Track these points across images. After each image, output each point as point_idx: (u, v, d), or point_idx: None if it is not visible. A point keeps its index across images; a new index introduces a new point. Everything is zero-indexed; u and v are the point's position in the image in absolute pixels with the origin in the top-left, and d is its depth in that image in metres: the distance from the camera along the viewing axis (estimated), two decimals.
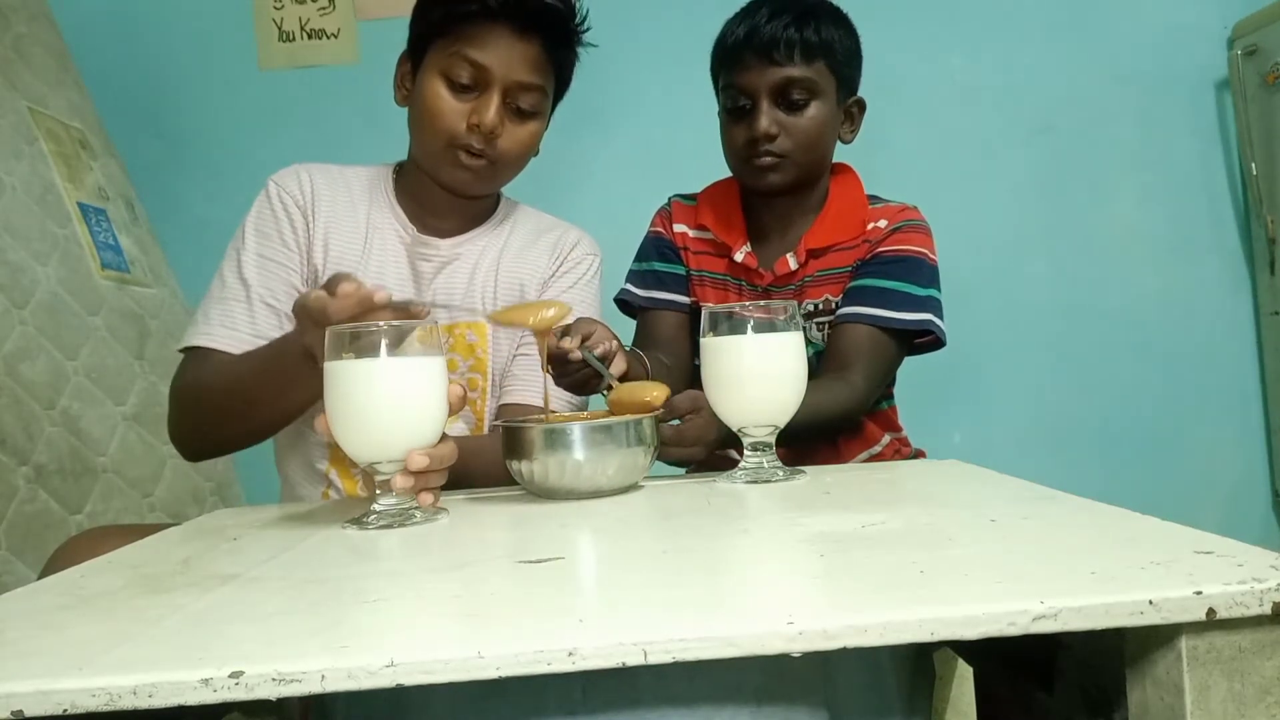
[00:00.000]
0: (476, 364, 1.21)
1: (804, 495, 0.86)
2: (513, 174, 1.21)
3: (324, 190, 1.19)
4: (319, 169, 1.21)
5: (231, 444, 1.15)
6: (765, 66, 1.21)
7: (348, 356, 0.79)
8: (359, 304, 0.83)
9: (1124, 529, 0.63)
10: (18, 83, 1.75)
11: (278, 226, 1.16)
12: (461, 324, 1.21)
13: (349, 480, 1.19)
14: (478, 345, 1.22)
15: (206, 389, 1.08)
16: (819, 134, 1.24)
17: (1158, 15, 2.31)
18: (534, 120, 1.16)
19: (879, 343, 1.23)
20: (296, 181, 1.18)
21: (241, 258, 1.14)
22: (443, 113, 1.12)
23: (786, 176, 1.25)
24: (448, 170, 1.15)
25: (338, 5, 2.31)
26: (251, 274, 1.13)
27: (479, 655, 0.44)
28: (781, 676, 0.66)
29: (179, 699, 0.43)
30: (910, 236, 1.27)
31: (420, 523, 0.81)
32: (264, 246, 1.15)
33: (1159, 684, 0.49)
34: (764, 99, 1.22)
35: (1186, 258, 2.33)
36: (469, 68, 1.11)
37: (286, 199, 1.17)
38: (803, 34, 1.20)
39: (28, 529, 1.41)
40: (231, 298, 1.12)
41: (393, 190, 1.23)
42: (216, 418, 1.08)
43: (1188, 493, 2.30)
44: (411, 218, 1.21)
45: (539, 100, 1.16)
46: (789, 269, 1.28)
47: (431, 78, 1.12)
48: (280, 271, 1.14)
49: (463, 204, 1.22)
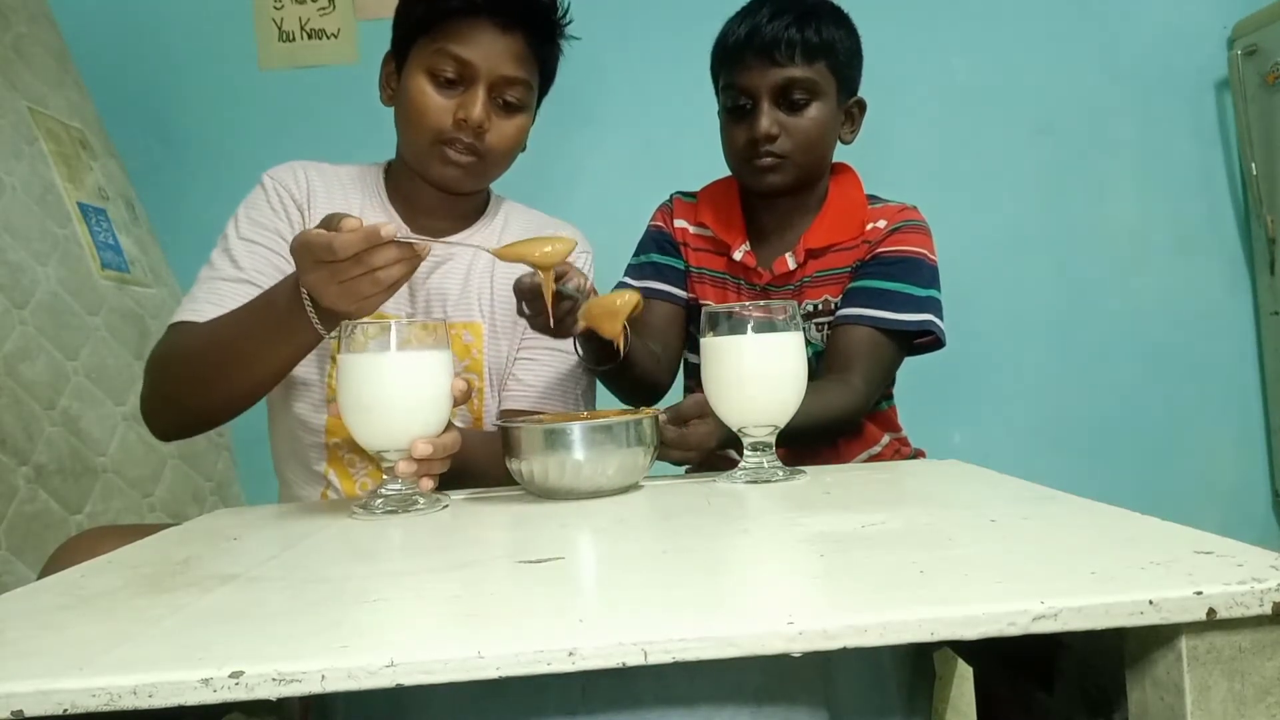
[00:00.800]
0: (472, 364, 1.21)
1: (804, 495, 0.86)
2: (501, 169, 1.20)
3: (319, 187, 1.19)
4: (313, 166, 1.21)
5: (207, 415, 1.06)
6: (766, 67, 1.21)
7: (359, 350, 0.86)
8: (365, 238, 0.81)
9: (1124, 529, 0.63)
10: (18, 83, 1.75)
11: (273, 218, 1.15)
12: (457, 324, 1.21)
13: (347, 480, 1.19)
14: (473, 345, 1.21)
15: (184, 352, 1.04)
16: (819, 135, 1.24)
17: (1158, 15, 2.32)
18: (520, 114, 1.16)
19: (879, 344, 1.23)
20: (293, 177, 1.18)
21: (231, 244, 1.13)
22: (429, 109, 1.12)
23: (786, 177, 1.25)
24: (437, 167, 1.15)
25: (338, 5, 2.31)
26: (242, 257, 1.12)
27: (479, 655, 0.44)
28: (781, 676, 0.66)
29: (179, 699, 0.43)
30: (910, 237, 1.27)
31: (423, 509, 0.87)
32: (256, 233, 1.14)
33: (1159, 684, 0.49)
34: (765, 99, 1.22)
35: (1186, 258, 2.33)
36: (453, 63, 1.11)
37: (283, 192, 1.17)
38: (804, 34, 1.19)
39: (28, 529, 1.41)
40: (219, 278, 1.11)
41: (384, 189, 1.23)
42: (192, 382, 1.02)
43: (1188, 493, 2.30)
44: (404, 217, 1.21)
45: (524, 94, 1.16)
46: (788, 269, 1.29)
47: (416, 75, 1.12)
48: (271, 258, 1.13)
49: (453, 201, 1.22)
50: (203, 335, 1.03)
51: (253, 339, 0.96)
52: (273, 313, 0.93)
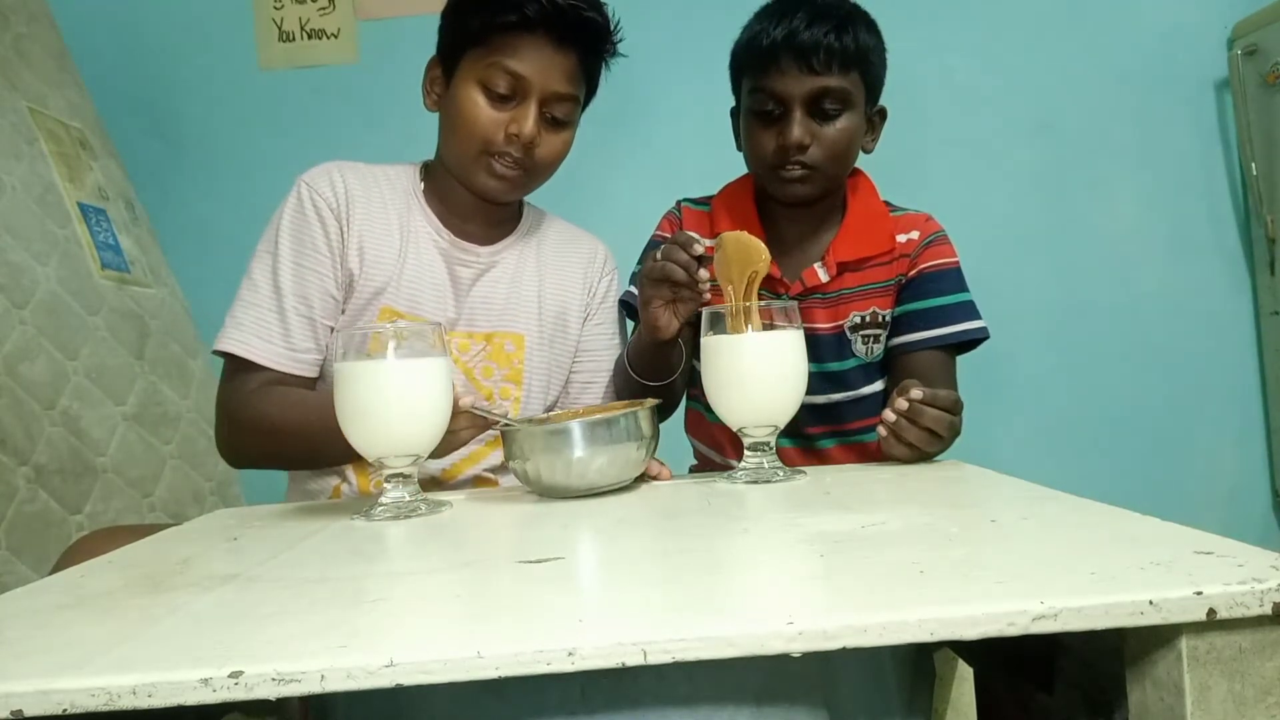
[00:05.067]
0: (512, 374, 1.21)
1: (804, 495, 0.86)
2: (543, 181, 1.21)
3: (358, 192, 1.17)
4: (350, 168, 1.19)
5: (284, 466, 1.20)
6: (802, 74, 1.16)
7: (357, 357, 0.86)
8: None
9: (1124, 529, 0.63)
10: (18, 83, 1.75)
11: (310, 231, 1.13)
12: (500, 332, 1.21)
13: (364, 476, 1.17)
14: (515, 355, 1.22)
15: (265, 423, 1.09)
16: (848, 145, 1.21)
17: (1158, 15, 2.31)
18: (567, 129, 1.18)
19: (947, 362, 1.26)
20: (329, 183, 1.16)
21: (276, 264, 1.12)
22: (480, 122, 1.12)
23: (814, 189, 1.22)
24: (482, 177, 1.15)
25: (338, 5, 2.31)
26: (286, 281, 1.11)
27: (479, 655, 0.44)
28: (781, 676, 0.66)
29: (179, 699, 0.43)
30: (944, 248, 1.27)
31: (426, 514, 0.87)
32: (299, 253, 1.13)
33: (1159, 684, 0.49)
34: (798, 108, 1.18)
35: (1186, 258, 2.33)
36: (507, 78, 1.11)
37: (319, 201, 1.14)
38: (843, 42, 1.16)
39: (28, 529, 1.41)
40: (265, 305, 1.11)
41: (422, 193, 1.22)
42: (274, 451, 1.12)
43: (1188, 493, 2.30)
44: (440, 220, 1.21)
45: (572, 110, 1.17)
46: (819, 281, 1.25)
47: (468, 86, 1.12)
48: (314, 279, 1.12)
49: (490, 209, 1.22)
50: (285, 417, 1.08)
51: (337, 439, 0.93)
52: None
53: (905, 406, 1.00)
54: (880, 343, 1.28)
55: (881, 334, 1.27)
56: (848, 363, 1.27)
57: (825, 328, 1.26)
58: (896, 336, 1.27)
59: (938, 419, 1.00)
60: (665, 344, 1.11)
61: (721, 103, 1.32)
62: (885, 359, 1.29)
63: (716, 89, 1.34)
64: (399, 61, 2.26)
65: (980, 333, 1.25)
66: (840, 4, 1.20)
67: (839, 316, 1.26)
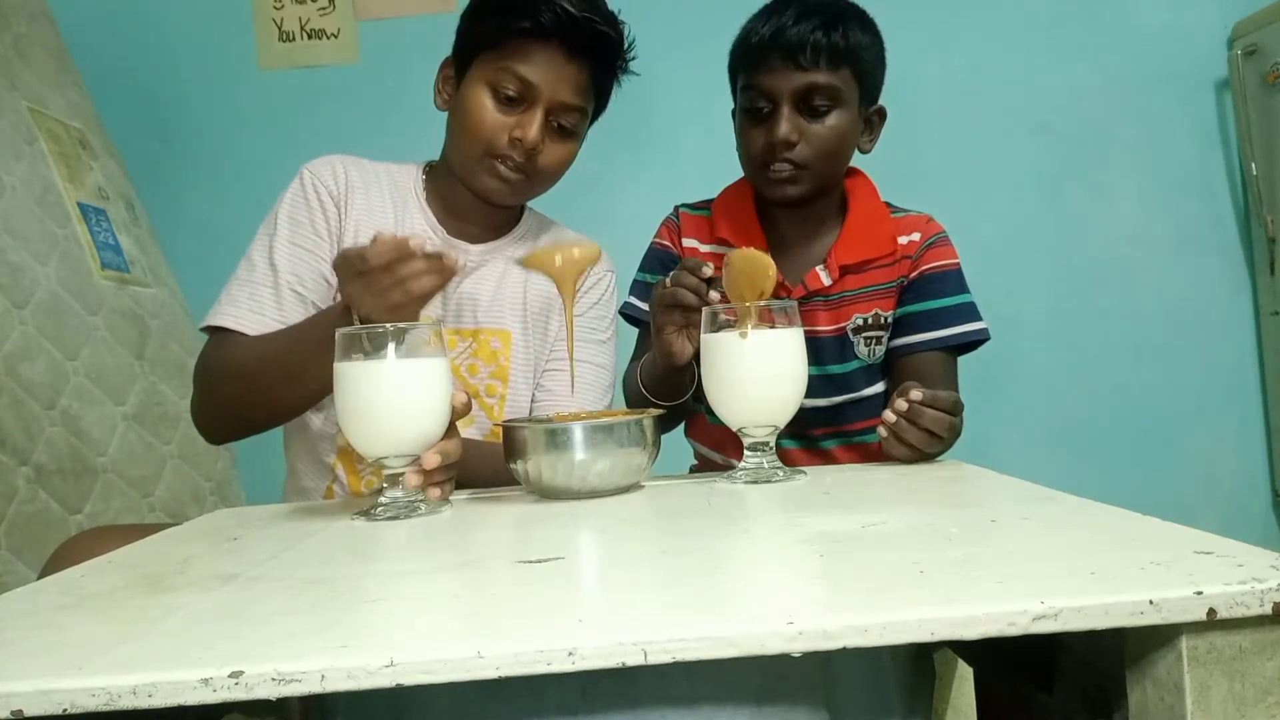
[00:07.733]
0: (498, 370, 1.22)
1: (804, 495, 0.86)
2: (545, 189, 1.22)
3: (358, 183, 1.19)
4: (353, 162, 1.21)
5: (254, 425, 1.13)
6: (789, 70, 1.17)
7: (357, 357, 0.85)
8: (395, 248, 0.87)
9: (1124, 529, 0.63)
10: (18, 83, 1.75)
11: (310, 215, 1.16)
12: (487, 330, 1.22)
13: (354, 477, 1.19)
14: (501, 353, 1.22)
15: (233, 367, 1.07)
16: (839, 143, 1.21)
17: (1158, 15, 2.31)
18: (572, 140, 1.18)
19: (949, 363, 1.26)
20: (331, 172, 1.18)
21: (273, 243, 1.14)
22: (485, 124, 1.13)
23: (803, 188, 1.22)
24: (484, 179, 1.16)
25: (338, 5, 2.31)
26: (282, 260, 1.13)
27: (479, 655, 0.44)
28: (781, 676, 0.66)
29: (179, 699, 0.43)
30: (945, 250, 1.27)
31: (425, 514, 0.86)
32: (295, 234, 1.15)
33: (1159, 684, 0.49)
34: (785, 104, 1.18)
35: (1186, 258, 2.33)
36: (517, 82, 1.12)
37: (320, 188, 1.17)
38: (830, 38, 1.16)
39: (28, 529, 1.41)
40: (260, 281, 1.12)
41: (422, 191, 1.24)
42: (241, 397, 1.08)
43: (1188, 493, 2.30)
44: (439, 220, 1.22)
45: (579, 121, 1.18)
46: (822, 284, 1.25)
47: (477, 88, 1.13)
48: (309, 259, 1.14)
49: (490, 211, 1.23)
50: (253, 351, 1.06)
51: (303, 357, 1.00)
52: (320, 331, 0.96)
53: (905, 408, 1.00)
54: (882, 344, 1.27)
55: (883, 335, 1.27)
56: (850, 365, 1.27)
57: (827, 330, 1.26)
58: (898, 338, 1.27)
59: (937, 420, 1.00)
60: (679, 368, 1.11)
61: (725, 109, 1.32)
62: (886, 360, 1.29)
63: (720, 95, 1.34)
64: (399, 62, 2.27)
65: (981, 334, 1.25)
66: (834, 2, 1.21)
67: (841, 319, 1.26)
